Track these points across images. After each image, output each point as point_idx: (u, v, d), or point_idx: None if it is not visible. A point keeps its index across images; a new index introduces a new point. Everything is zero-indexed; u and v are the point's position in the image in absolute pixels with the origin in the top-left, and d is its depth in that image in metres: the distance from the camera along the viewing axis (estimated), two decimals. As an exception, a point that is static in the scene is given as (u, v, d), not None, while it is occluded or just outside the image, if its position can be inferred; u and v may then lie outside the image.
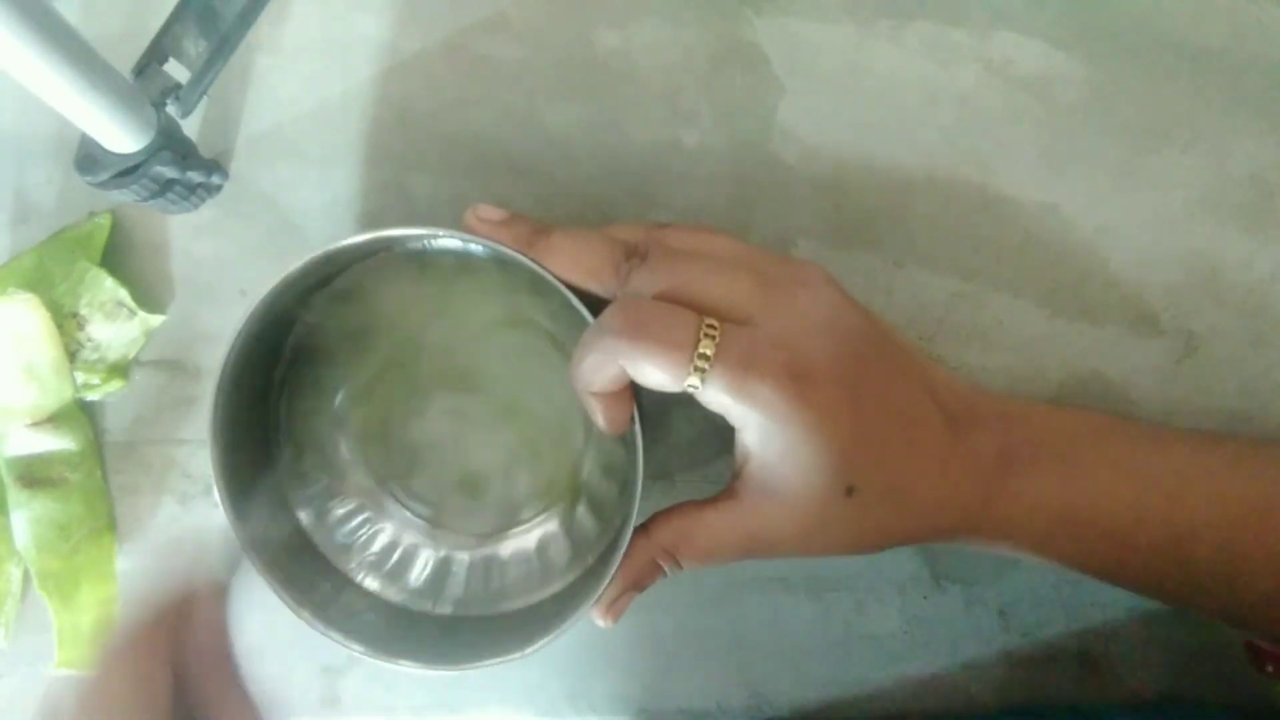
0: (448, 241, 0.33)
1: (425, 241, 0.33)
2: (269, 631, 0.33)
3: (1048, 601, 0.38)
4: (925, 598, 0.38)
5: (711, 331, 0.28)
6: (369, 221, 0.38)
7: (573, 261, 0.30)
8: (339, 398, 0.37)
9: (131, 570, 0.39)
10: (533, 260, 0.30)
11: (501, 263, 0.32)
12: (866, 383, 0.29)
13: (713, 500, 0.31)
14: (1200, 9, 0.37)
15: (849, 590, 0.38)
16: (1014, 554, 0.32)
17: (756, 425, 0.28)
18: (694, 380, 0.27)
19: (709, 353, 0.27)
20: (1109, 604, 0.38)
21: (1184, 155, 0.37)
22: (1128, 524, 0.31)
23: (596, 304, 0.30)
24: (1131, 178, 0.37)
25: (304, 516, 0.36)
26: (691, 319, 0.28)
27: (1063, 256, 0.37)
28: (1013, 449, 0.31)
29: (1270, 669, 0.32)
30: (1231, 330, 0.37)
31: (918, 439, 0.30)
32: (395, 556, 0.37)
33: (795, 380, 0.28)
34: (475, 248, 0.31)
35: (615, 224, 0.33)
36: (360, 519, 0.37)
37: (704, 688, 0.39)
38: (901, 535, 0.30)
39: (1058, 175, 0.37)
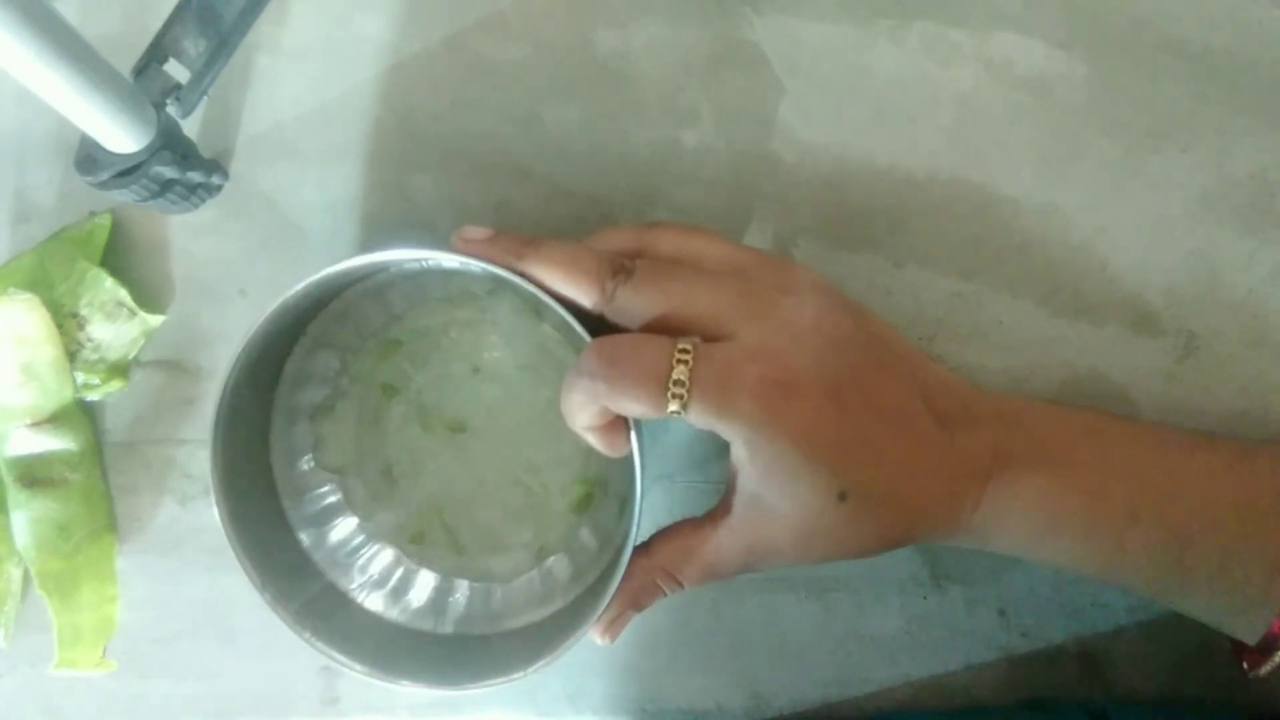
0: (446, 263, 0.33)
1: (423, 263, 0.33)
2: (269, 631, 0.33)
3: (1048, 601, 0.38)
4: (925, 598, 0.38)
5: (684, 356, 0.28)
6: (370, 222, 0.38)
7: (560, 275, 0.30)
8: (336, 419, 0.37)
9: (131, 570, 0.39)
10: (528, 279, 0.30)
11: (499, 282, 0.32)
12: (853, 387, 0.29)
13: (709, 516, 0.31)
14: (1200, 9, 0.37)
15: (849, 590, 0.38)
16: (1009, 553, 0.32)
17: (743, 439, 0.28)
18: (674, 406, 0.28)
19: (684, 378, 0.27)
20: (1109, 604, 0.38)
21: (1184, 155, 0.37)
22: (1121, 525, 0.31)
23: (594, 319, 0.31)
24: (1131, 178, 0.37)
25: (304, 537, 0.36)
26: (663, 349, 0.28)
27: (1063, 256, 0.37)
28: (1007, 448, 0.31)
29: (1246, 665, 0.32)
30: (1231, 330, 0.37)
31: (908, 441, 0.30)
32: (396, 576, 0.37)
33: (776, 391, 0.28)
34: (473, 268, 0.31)
35: (608, 228, 0.33)
36: (360, 539, 0.37)
37: (704, 688, 0.39)
38: (897, 537, 0.30)
39: (1058, 175, 0.37)
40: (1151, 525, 0.31)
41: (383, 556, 0.37)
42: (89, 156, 0.33)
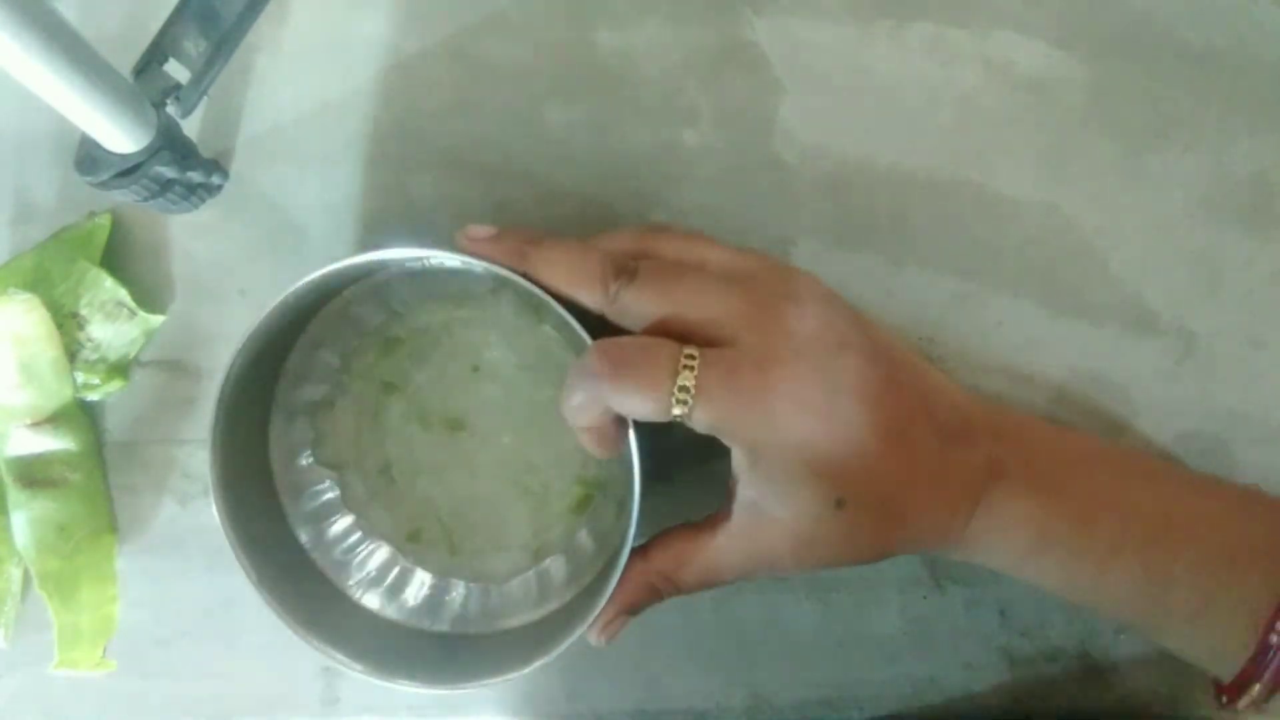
0: (447, 262, 0.33)
1: (423, 262, 0.33)
2: (269, 631, 0.33)
3: (1048, 601, 0.38)
4: (925, 598, 0.38)
5: (690, 361, 0.28)
6: (370, 222, 0.38)
7: (564, 275, 0.30)
8: (335, 415, 0.37)
9: (131, 570, 0.39)
10: (528, 280, 0.30)
11: (500, 281, 0.32)
12: (854, 395, 0.29)
13: (709, 521, 0.31)
14: (1200, 9, 0.37)
15: (849, 590, 0.38)
16: (997, 569, 0.32)
17: (744, 446, 0.28)
18: (678, 410, 0.28)
19: (689, 384, 0.28)
20: (1109, 604, 0.38)
21: (1184, 155, 0.37)
22: (1102, 555, 0.31)
23: (595, 320, 0.31)
24: (1131, 178, 0.37)
25: (302, 535, 0.36)
26: (669, 353, 0.28)
27: (1063, 256, 0.37)
28: (1001, 464, 0.31)
29: (1225, 699, 0.31)
30: (1231, 330, 0.37)
31: (907, 451, 0.30)
32: (393, 574, 0.37)
33: (777, 398, 0.28)
34: (474, 267, 0.31)
35: (611, 230, 0.33)
36: (357, 536, 0.37)
37: (704, 688, 0.38)
38: (893, 547, 0.30)
39: (1058, 175, 0.37)
40: (1134, 561, 0.31)
41: (379, 554, 0.37)
42: (89, 156, 0.33)
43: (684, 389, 0.28)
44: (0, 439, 0.37)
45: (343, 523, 0.37)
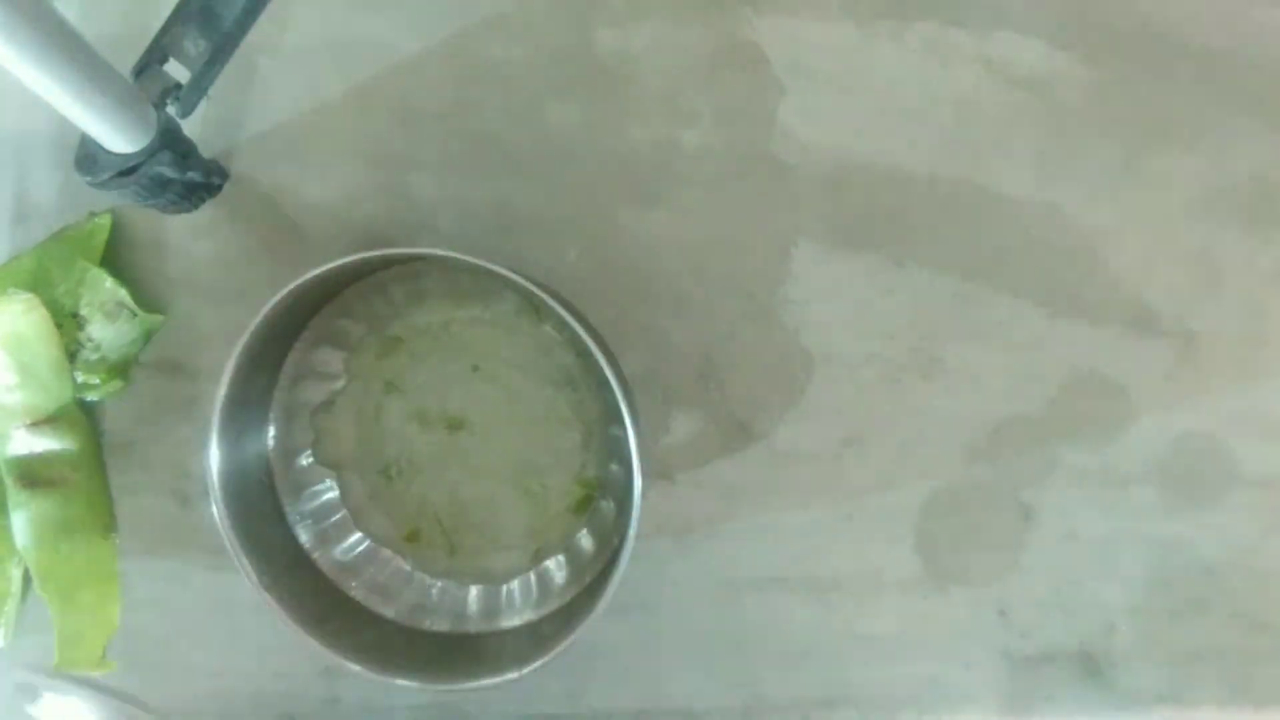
0: (447, 262, 0.33)
1: (423, 261, 0.33)
2: (270, 632, 0.33)
3: (1048, 601, 0.38)
4: (925, 598, 0.38)
5: None
6: (369, 222, 0.38)
7: None
8: (335, 414, 0.37)
9: (131, 570, 0.39)
10: (530, 282, 0.30)
11: (500, 281, 0.32)
12: None
13: None
14: (1200, 9, 0.37)
15: (848, 590, 0.38)
16: None
17: None
18: None
19: None
20: (1109, 604, 0.38)
21: (1184, 155, 0.37)
22: None
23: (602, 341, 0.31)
24: (1131, 178, 0.37)
25: (302, 535, 0.36)
26: None
27: (1063, 256, 0.37)
28: None
29: None
30: (1231, 330, 0.37)
31: None
32: (391, 575, 0.37)
33: None
34: (474, 267, 0.31)
35: None
36: (356, 537, 0.37)
37: (704, 688, 0.38)
38: None
39: (1058, 175, 0.37)
40: None
41: (379, 555, 0.37)
42: (89, 156, 0.33)
43: None
44: (0, 439, 0.37)
45: (342, 523, 0.37)
